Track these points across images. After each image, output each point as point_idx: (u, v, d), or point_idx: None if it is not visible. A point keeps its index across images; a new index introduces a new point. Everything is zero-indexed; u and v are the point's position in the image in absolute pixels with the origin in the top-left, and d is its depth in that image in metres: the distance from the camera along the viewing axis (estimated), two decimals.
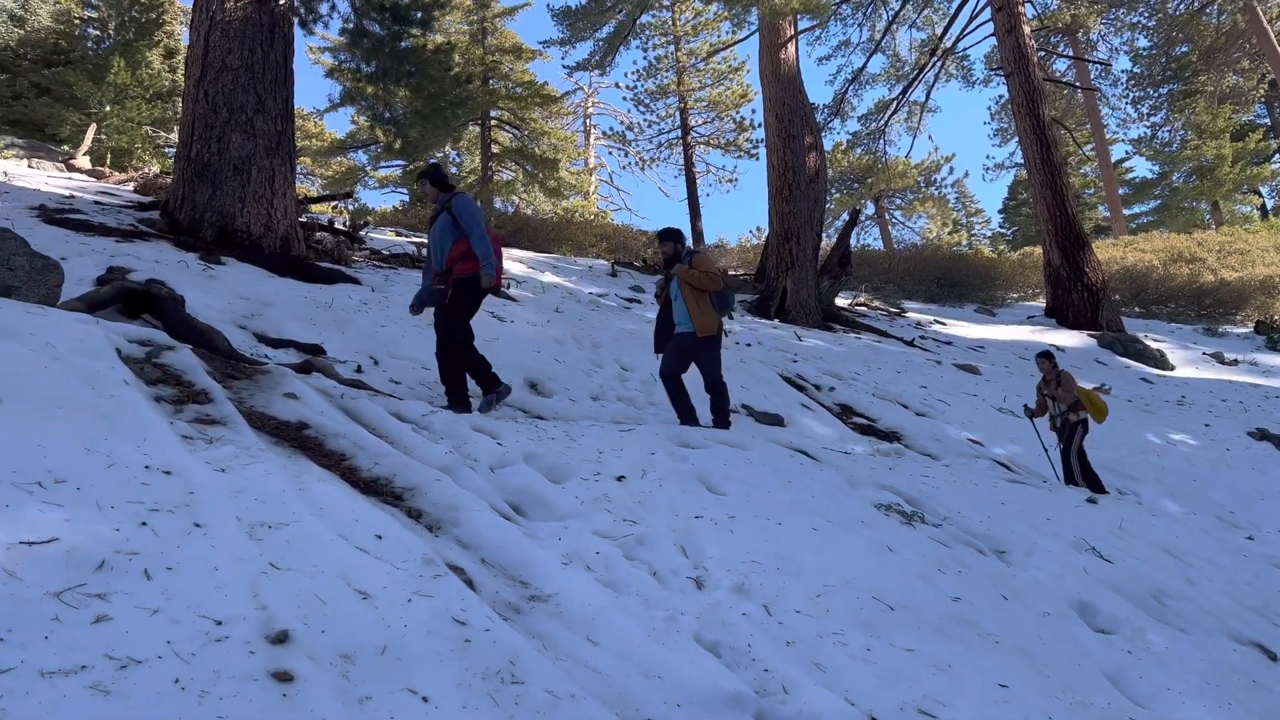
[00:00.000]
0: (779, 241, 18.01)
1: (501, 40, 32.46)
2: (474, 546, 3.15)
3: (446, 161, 37.56)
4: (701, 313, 6.77)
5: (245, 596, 2.06)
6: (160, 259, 8.01)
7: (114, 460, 2.56)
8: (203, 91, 9.67)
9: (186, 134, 9.79)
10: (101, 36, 28.17)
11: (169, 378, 3.78)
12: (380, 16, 11.14)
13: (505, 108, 32.32)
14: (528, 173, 33.64)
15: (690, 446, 5.24)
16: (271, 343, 6.57)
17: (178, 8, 32.07)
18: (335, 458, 3.60)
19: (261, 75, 9.82)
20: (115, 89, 24.79)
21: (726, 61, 34.92)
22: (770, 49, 19.00)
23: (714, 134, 36.73)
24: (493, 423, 5.10)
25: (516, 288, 13.24)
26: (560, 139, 34.02)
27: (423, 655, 2.11)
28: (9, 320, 3.43)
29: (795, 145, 18.28)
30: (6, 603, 1.74)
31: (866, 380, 11.35)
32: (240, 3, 9.72)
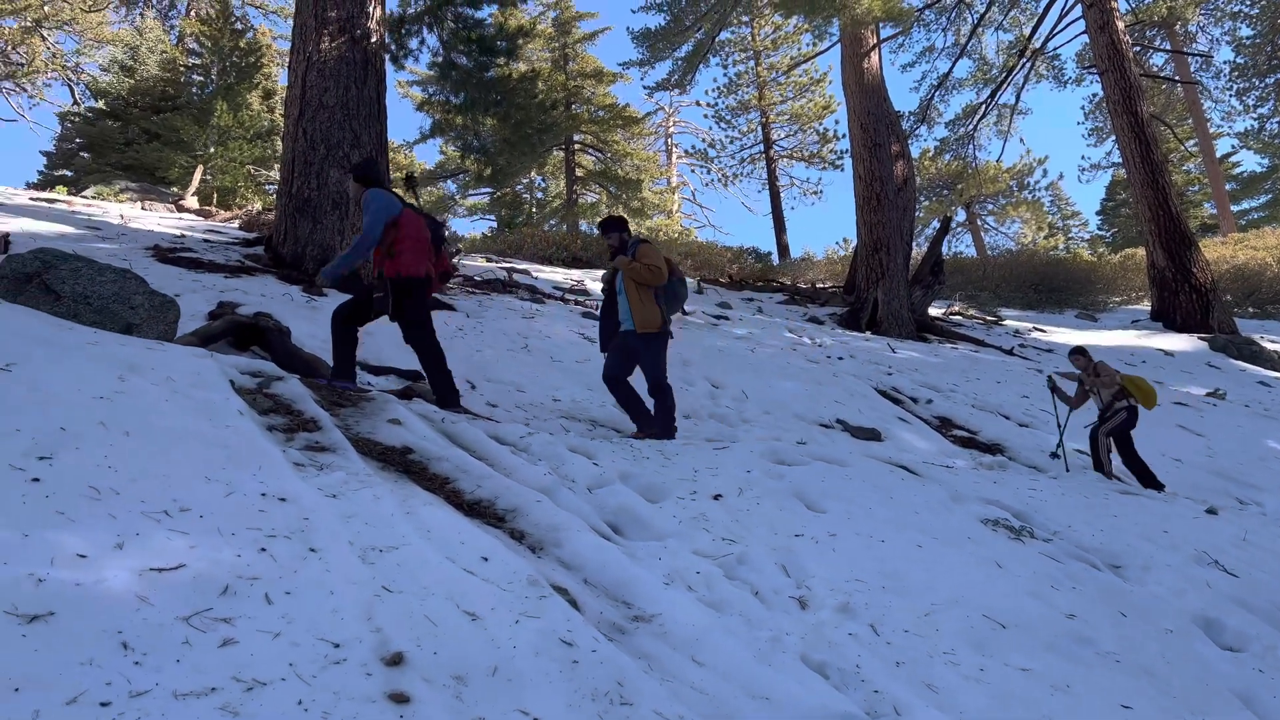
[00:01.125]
0: (868, 252, 17.76)
1: (583, 65, 32.98)
2: (576, 567, 3.17)
3: (532, 187, 38.24)
4: (643, 308, 6.30)
5: (360, 619, 2.11)
6: (266, 292, 8.35)
7: (233, 488, 2.66)
8: (301, 130, 10.07)
9: (287, 171, 10.22)
10: (205, 82, 29.59)
11: (280, 407, 3.93)
12: (467, 49, 11.44)
13: (588, 131, 32.80)
14: (611, 194, 34.00)
15: (787, 464, 5.19)
16: (373, 370, 6.77)
17: (274, 50, 33.50)
18: (439, 481, 3.68)
19: (356, 112, 10.18)
20: (219, 131, 26.01)
21: (808, 74, 34.76)
22: (852, 59, 18.81)
23: (797, 147, 36.57)
24: (589, 443, 5.15)
25: None
26: (642, 159, 34.30)
27: (532, 676, 2.14)
28: (133, 357, 3.62)
29: (881, 154, 18.03)
30: (140, 627, 1.82)
31: (965, 391, 11.07)
32: (335, 43, 10.11)
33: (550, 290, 14.09)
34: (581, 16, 32.98)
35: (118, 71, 30.00)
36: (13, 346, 3.21)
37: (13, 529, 2.04)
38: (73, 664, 1.64)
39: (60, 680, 1.59)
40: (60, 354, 3.36)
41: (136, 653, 1.73)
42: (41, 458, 2.46)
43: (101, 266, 4.66)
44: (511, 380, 7.43)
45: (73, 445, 2.59)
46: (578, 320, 11.33)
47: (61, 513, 2.19)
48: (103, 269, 4.64)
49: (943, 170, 34.30)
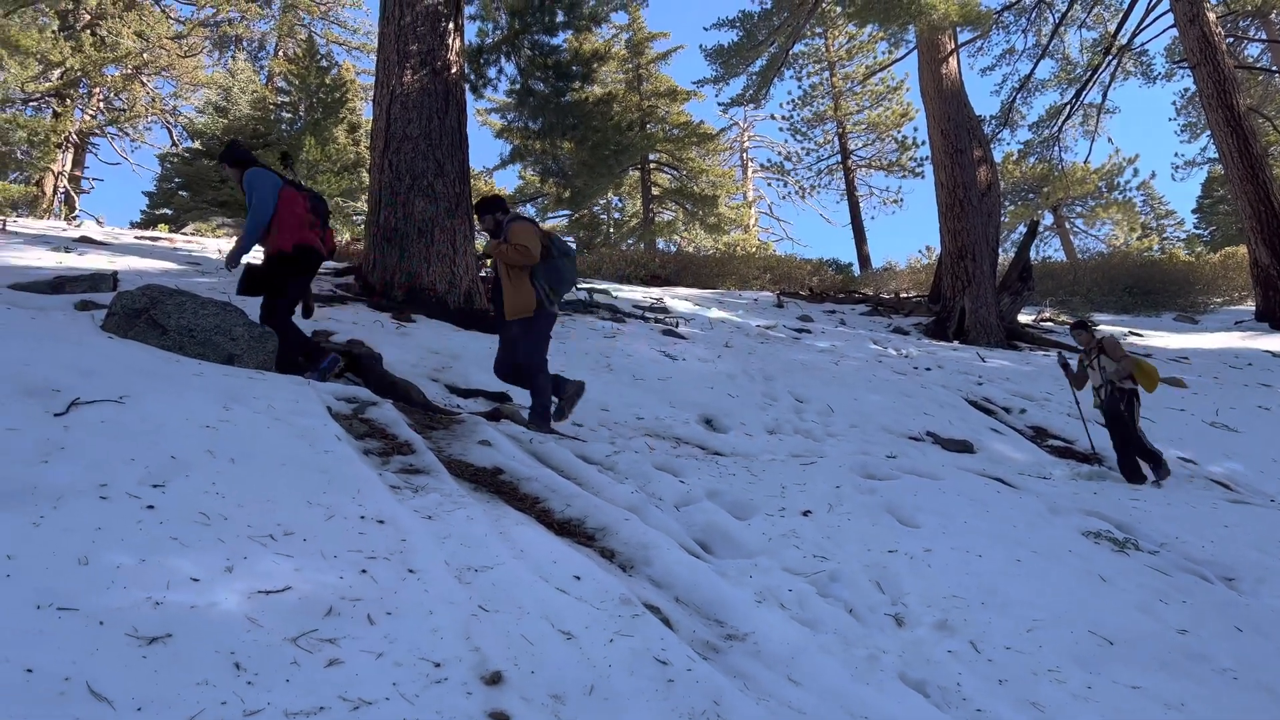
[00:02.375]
0: (953, 260, 17.40)
1: (656, 85, 33.19)
2: (667, 585, 3.17)
3: (609, 207, 38.56)
4: (515, 292, 5.89)
5: (459, 638, 2.15)
6: (358, 320, 8.59)
7: (333, 512, 2.74)
8: (387, 161, 10.36)
9: (374, 202, 10.52)
10: (293, 119, 30.67)
11: (375, 431, 4.04)
12: (544, 75, 11.63)
13: (663, 150, 32.94)
14: (688, 211, 34.06)
15: (877, 478, 5.11)
16: (461, 393, 6.90)
17: (357, 85, 34.61)
18: (530, 501, 3.73)
19: (439, 141, 10.43)
20: (307, 165, 26.92)
21: (884, 82, 34.33)
22: (930, 65, 18.52)
23: (875, 156, 36.11)
24: (674, 460, 5.15)
25: (685, 325, 13.36)
26: (718, 175, 34.28)
27: (628, 695, 2.14)
28: (236, 387, 3.76)
29: (963, 160, 17.68)
30: (251, 648, 1.88)
31: (1060, 400, 10.72)
32: (417, 76, 10.39)
33: (630, 309, 14.17)
34: (654, 37, 33.22)
35: (212, 113, 31.35)
36: (126, 379, 3.37)
37: (131, 554, 2.14)
38: (190, 684, 1.70)
39: (179, 700, 1.65)
40: (169, 385, 3.52)
41: (249, 673, 1.79)
42: (155, 485, 2.57)
43: (204, 300, 4.87)
44: (595, 399, 7.47)
45: (183, 473, 2.70)
46: (658, 338, 11.37)
47: (175, 538, 2.28)
48: (205, 302, 4.85)
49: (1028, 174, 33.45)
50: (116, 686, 1.63)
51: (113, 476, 2.54)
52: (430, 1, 10.61)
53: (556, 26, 11.57)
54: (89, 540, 2.15)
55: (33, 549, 2.04)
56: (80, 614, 1.83)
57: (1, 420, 2.69)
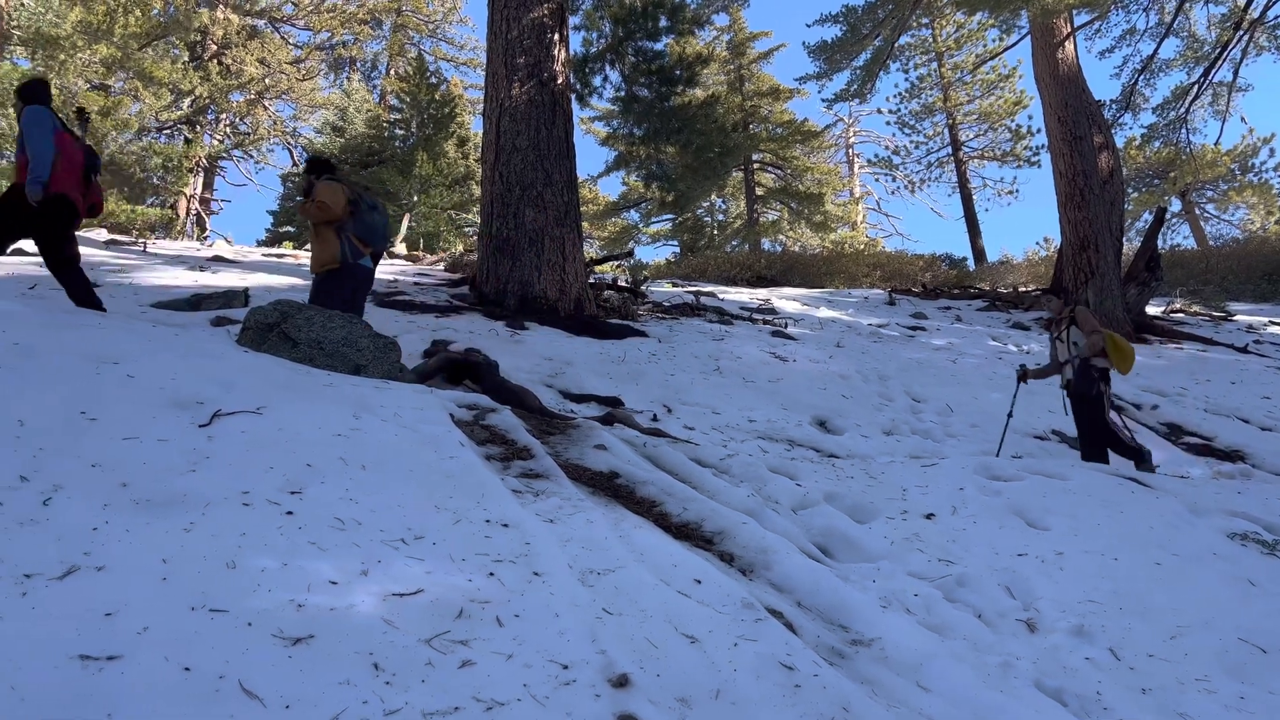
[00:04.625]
0: (1074, 251, 16.69)
1: (759, 84, 32.98)
2: (788, 590, 3.14)
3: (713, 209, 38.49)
4: (320, 247, 6.05)
5: (585, 641, 2.17)
6: (473, 329, 8.81)
7: (460, 516, 2.81)
8: (497, 173, 10.60)
9: (487, 213, 10.79)
10: (406, 135, 31.69)
11: (495, 437, 4.12)
12: (648, 81, 11.71)
13: (766, 149, 32.69)
14: (793, 210, 33.69)
15: (1003, 479, 4.94)
16: (575, 398, 6.99)
17: (465, 100, 35.53)
18: (647, 504, 3.75)
19: (547, 152, 10.61)
20: (421, 180, 27.78)
21: (995, 70, 33.22)
22: (1044, 50, 17.83)
23: (988, 146, 34.95)
24: (789, 463, 5.10)
25: (794, 325, 13.22)
26: (823, 173, 33.81)
27: (755, 700, 2.13)
28: (364, 396, 3.90)
29: (1083, 147, 16.95)
30: (388, 649, 1.94)
31: (1195, 395, 10.17)
32: (524, 88, 10.60)
33: (737, 311, 14.09)
34: (755, 36, 33.02)
35: (330, 132, 32.68)
36: (263, 391, 3.53)
37: (274, 558, 2.24)
38: (333, 684, 1.77)
39: (324, 699, 1.72)
40: (302, 396, 3.67)
41: (386, 673, 1.85)
42: (293, 492, 2.68)
43: (331, 314, 5.07)
44: (706, 403, 7.47)
45: (318, 480, 2.81)
46: (767, 339, 11.27)
47: (314, 543, 2.38)
48: (332, 316, 5.05)
49: (1152, 159, 31.83)
50: (266, 685, 1.71)
51: (254, 484, 2.66)
52: (536, 14, 10.82)
53: (659, 32, 11.63)
54: (235, 545, 2.26)
55: (185, 554, 2.16)
56: (230, 616, 1.92)
57: (153, 432, 2.86)
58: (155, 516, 2.32)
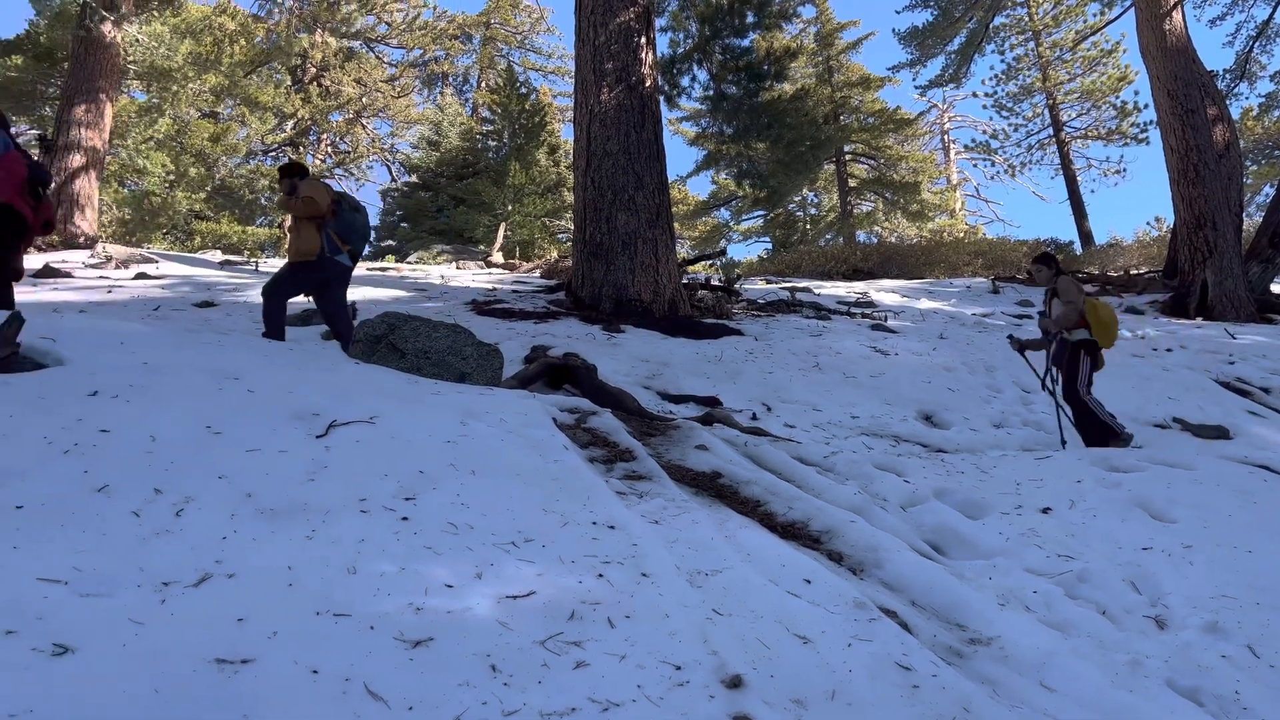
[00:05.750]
0: (1189, 230, 15.89)
1: (848, 75, 32.47)
2: (900, 588, 3.08)
3: (805, 203, 38.04)
4: (299, 238, 6.42)
5: (696, 642, 2.17)
6: (570, 333, 8.91)
7: (567, 519, 2.84)
8: (590, 179, 10.71)
9: (580, 219, 10.90)
10: (499, 145, 32.32)
11: (597, 440, 4.16)
12: (736, 78, 11.66)
13: (858, 140, 32.15)
14: (888, 200, 33.06)
15: (1122, 470, 4.73)
16: (673, 399, 6.99)
17: (554, 108, 35.99)
18: (751, 504, 3.72)
19: (637, 155, 10.67)
20: (514, 189, 28.27)
21: (1097, 46, 31.89)
22: (1150, 21, 17.04)
23: (1091, 125, 33.56)
24: (895, 459, 5.00)
25: (894, 318, 12.95)
26: (918, 161, 33.07)
27: (872, 701, 2.09)
28: (470, 403, 3.99)
29: (1195, 120, 16.13)
30: (505, 650, 1.98)
31: None
32: (613, 93, 10.68)
33: (834, 306, 13.87)
34: (843, 27, 32.52)
35: (425, 147, 33.58)
36: (374, 401, 3.65)
37: (392, 563, 2.30)
38: (453, 685, 1.81)
39: (445, 700, 1.76)
40: (411, 405, 3.77)
41: (504, 674, 1.88)
42: (407, 498, 2.76)
43: (435, 324, 5.20)
44: (806, 400, 7.38)
45: (430, 486, 2.88)
46: (866, 333, 11.07)
47: (429, 547, 2.44)
48: (436, 326, 5.18)
49: (1271, 129, 30.10)
50: (389, 687, 1.76)
51: (370, 491, 2.75)
52: (622, 19, 10.88)
53: (746, 28, 11.56)
54: (355, 551, 2.33)
55: (308, 561, 2.24)
56: (353, 619, 1.99)
57: (274, 443, 2.98)
58: (279, 525, 2.42)
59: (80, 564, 2.03)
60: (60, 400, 3.09)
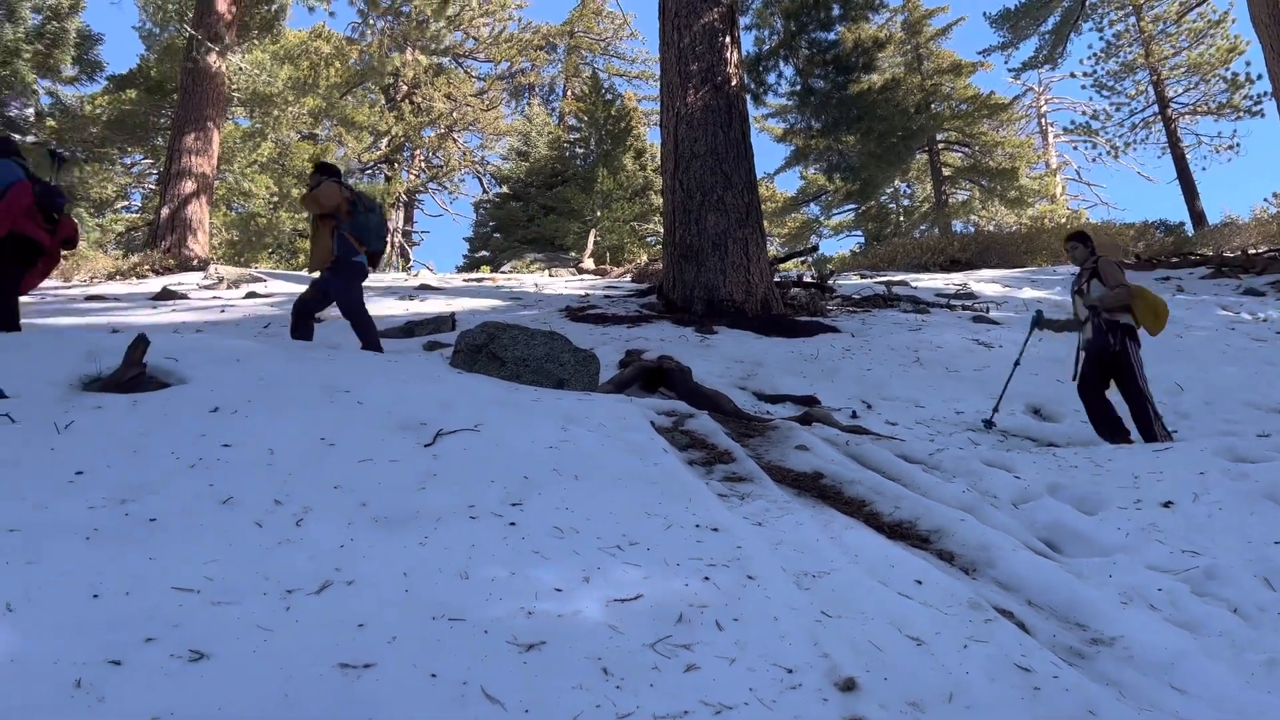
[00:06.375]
0: None
1: (938, 62, 31.72)
2: (1016, 588, 2.99)
3: (897, 195, 37.32)
4: (315, 246, 6.56)
5: (807, 644, 2.14)
6: (663, 336, 8.94)
7: (670, 522, 2.85)
8: (678, 182, 10.73)
9: (669, 221, 10.93)
10: (586, 152, 32.65)
11: (695, 442, 4.16)
12: (824, 72, 11.52)
13: (951, 128, 31.37)
14: (984, 188, 32.14)
15: (1249, 461, 4.48)
16: (769, 399, 6.94)
17: (639, 112, 36.15)
18: (855, 504, 3.67)
19: (725, 155, 10.64)
20: (602, 195, 28.52)
21: (1203, 17, 30.38)
22: None
23: (1200, 100, 31.97)
24: (1004, 455, 4.86)
25: (996, 309, 12.59)
26: (1014, 146, 32.06)
27: (991, 703, 2.04)
28: (569, 409, 4.04)
29: None
30: (615, 653, 1.99)
31: None
32: (699, 94, 10.68)
33: (932, 298, 13.56)
34: (931, 13, 31.78)
35: (515, 158, 34.16)
36: (478, 409, 3.73)
37: (502, 567, 2.35)
38: (566, 688, 1.83)
39: (559, 703, 1.78)
40: (513, 412, 3.84)
41: (616, 677, 1.90)
42: (513, 504, 2.81)
43: (533, 332, 5.29)
44: (908, 396, 7.23)
45: (535, 491, 2.93)
46: (968, 326, 10.80)
47: (537, 552, 2.48)
48: (533, 334, 5.26)
49: None
50: (505, 690, 1.79)
51: (478, 498, 2.81)
52: (706, 20, 10.88)
53: (833, 20, 11.42)
54: (466, 556, 2.39)
55: (422, 567, 2.30)
56: (467, 624, 2.03)
57: (384, 453, 3.08)
58: (393, 532, 2.49)
59: (210, 573, 2.12)
60: (185, 417, 3.24)
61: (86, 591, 1.95)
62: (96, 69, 26.83)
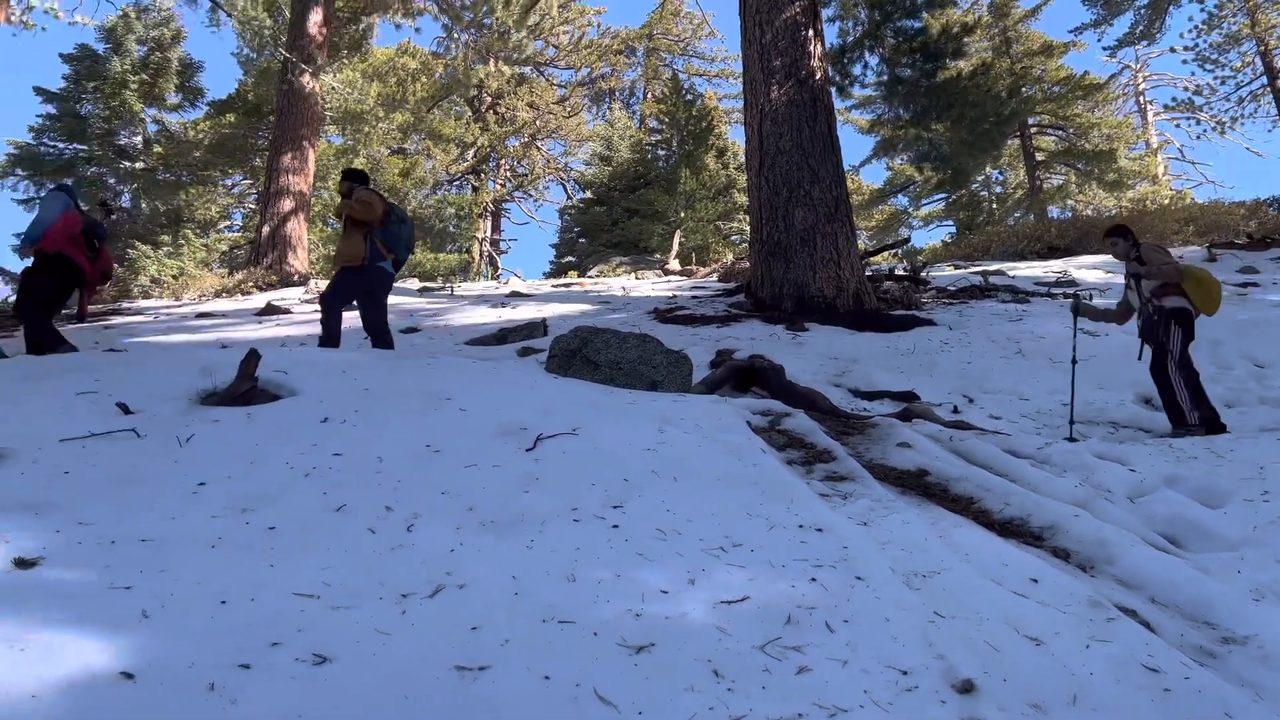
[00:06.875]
0: None
1: (1028, 44, 30.70)
2: (1137, 585, 2.87)
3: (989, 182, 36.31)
4: (346, 244, 6.80)
5: (920, 645, 2.10)
6: (754, 335, 8.88)
7: (773, 522, 2.82)
8: (764, 179, 10.64)
9: (756, 219, 10.85)
10: (668, 154, 32.68)
11: (793, 441, 4.12)
12: (911, 60, 11.28)
13: (1044, 111, 30.31)
14: (1080, 172, 30.97)
15: None
16: (866, 396, 6.83)
17: (720, 111, 36.04)
18: (963, 502, 3.58)
19: (811, 149, 10.51)
20: (685, 196, 28.50)
21: None
22: None
23: None
24: (1116, 448, 4.68)
25: (1099, 296, 12.12)
26: (1112, 126, 30.81)
27: (1119, 706, 1.97)
28: (665, 410, 4.04)
29: None
30: (725, 655, 1.98)
31: None
32: (783, 90, 10.58)
33: (1032, 287, 13.12)
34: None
35: (597, 163, 34.44)
36: (575, 413, 3.76)
37: (607, 570, 2.36)
38: (678, 690, 1.83)
39: (672, 706, 1.78)
40: (610, 415, 3.87)
41: (727, 679, 1.89)
42: (615, 506, 2.82)
43: (625, 335, 5.32)
44: (1010, 389, 7.03)
45: (635, 493, 2.94)
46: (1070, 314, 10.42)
47: (640, 554, 2.49)
48: (626, 337, 5.29)
49: None
50: (618, 692, 1.79)
51: (580, 501, 2.83)
52: (788, 14, 10.77)
53: (918, 8, 11.18)
54: (572, 560, 2.41)
55: (530, 570, 2.33)
56: (577, 626, 2.05)
57: (488, 458, 3.13)
58: (500, 536, 2.53)
59: (329, 579, 2.19)
60: (297, 428, 3.36)
61: (215, 598, 2.03)
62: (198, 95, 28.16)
